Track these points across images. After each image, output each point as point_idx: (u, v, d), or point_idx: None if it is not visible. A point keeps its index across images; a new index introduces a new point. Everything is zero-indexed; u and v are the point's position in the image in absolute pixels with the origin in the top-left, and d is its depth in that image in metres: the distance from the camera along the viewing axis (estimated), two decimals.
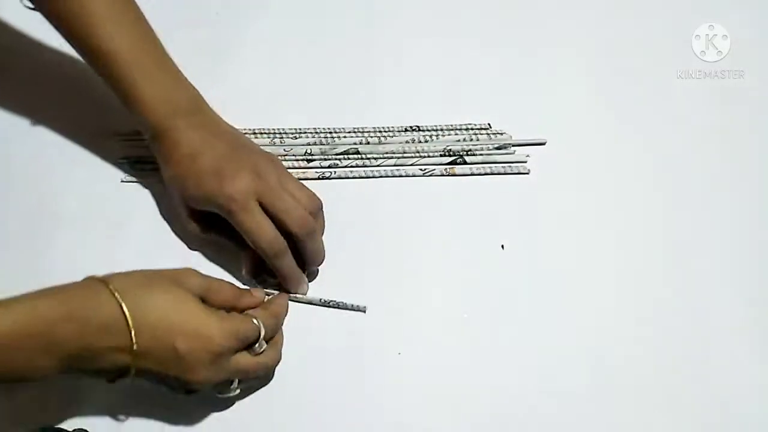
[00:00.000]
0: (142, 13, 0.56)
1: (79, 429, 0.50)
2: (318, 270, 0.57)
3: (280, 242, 0.53)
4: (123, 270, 0.48)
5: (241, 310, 0.51)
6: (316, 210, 0.55)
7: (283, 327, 0.54)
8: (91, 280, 0.46)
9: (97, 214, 0.60)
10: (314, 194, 0.56)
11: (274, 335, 0.51)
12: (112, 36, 0.54)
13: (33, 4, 0.56)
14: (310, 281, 0.57)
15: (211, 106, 0.57)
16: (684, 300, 0.56)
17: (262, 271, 0.56)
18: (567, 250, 0.58)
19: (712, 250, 0.58)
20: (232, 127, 0.58)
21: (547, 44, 0.68)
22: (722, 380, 0.54)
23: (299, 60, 0.68)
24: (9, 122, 0.65)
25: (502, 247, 0.58)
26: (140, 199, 0.61)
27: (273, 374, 0.53)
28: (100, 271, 0.47)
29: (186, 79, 0.57)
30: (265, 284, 0.56)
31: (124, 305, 0.44)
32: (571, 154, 0.63)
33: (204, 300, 0.49)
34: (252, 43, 0.69)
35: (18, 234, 0.60)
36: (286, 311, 0.53)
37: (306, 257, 0.55)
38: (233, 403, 0.52)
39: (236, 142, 0.56)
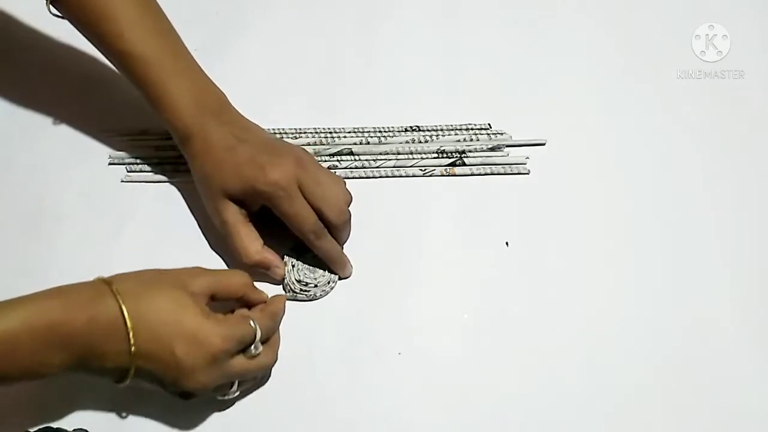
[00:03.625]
0: (165, 16, 0.58)
1: (79, 429, 0.50)
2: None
3: (321, 226, 0.55)
4: (124, 270, 0.48)
5: (250, 303, 0.52)
6: (348, 202, 0.57)
7: (282, 326, 0.54)
8: (97, 281, 0.46)
9: (97, 214, 0.60)
10: (346, 188, 0.57)
11: (270, 336, 0.51)
12: (140, 40, 0.55)
13: (60, 11, 0.57)
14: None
15: (227, 98, 0.58)
16: (685, 299, 0.56)
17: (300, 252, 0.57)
18: (567, 250, 0.58)
19: (712, 250, 0.58)
20: (252, 122, 0.59)
21: (547, 44, 0.68)
22: (722, 380, 0.54)
23: (299, 60, 0.68)
24: (9, 122, 0.65)
25: (507, 244, 0.59)
26: (140, 199, 0.61)
27: (270, 374, 0.53)
28: (100, 271, 0.47)
29: (211, 80, 0.58)
30: (292, 270, 0.57)
31: (124, 308, 0.44)
32: (571, 154, 0.63)
33: (214, 295, 0.49)
34: (252, 43, 0.69)
35: (18, 234, 0.60)
36: (283, 312, 0.54)
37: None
38: (233, 404, 0.52)
39: (268, 135, 0.58)
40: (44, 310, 0.43)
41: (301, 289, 0.56)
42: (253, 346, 0.49)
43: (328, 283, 0.57)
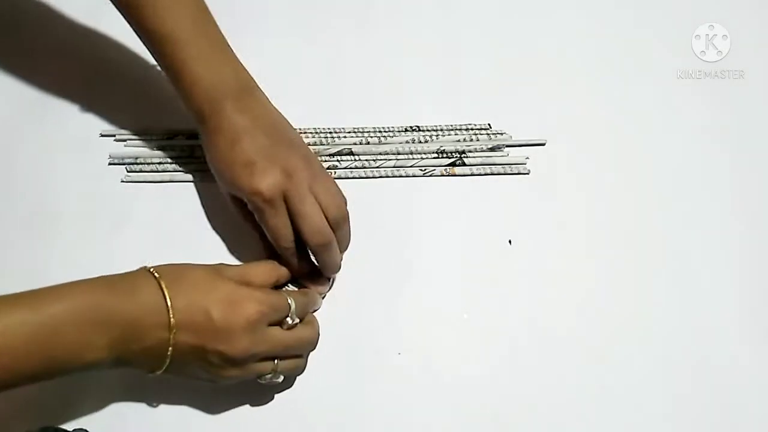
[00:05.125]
0: None
1: (79, 429, 0.50)
2: (334, 278, 0.57)
3: (293, 247, 0.54)
4: (124, 269, 0.48)
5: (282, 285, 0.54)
6: (339, 219, 0.55)
7: None
8: (136, 269, 0.48)
9: (97, 214, 0.60)
10: (343, 203, 0.55)
11: (306, 312, 0.53)
12: (171, 19, 0.54)
13: None
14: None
15: (255, 84, 0.57)
16: (685, 299, 0.56)
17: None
18: (567, 250, 0.58)
19: (712, 250, 0.58)
20: (280, 115, 0.58)
21: (547, 44, 0.68)
22: (722, 380, 0.54)
23: (299, 60, 0.68)
24: (9, 122, 0.65)
25: (510, 242, 0.59)
26: (140, 199, 0.61)
27: (305, 366, 0.53)
28: (101, 271, 0.47)
29: (239, 62, 0.57)
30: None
31: (162, 283, 0.46)
32: (571, 154, 0.63)
33: (247, 283, 0.50)
34: (252, 43, 0.68)
35: (18, 234, 0.60)
36: (317, 299, 0.56)
37: (321, 266, 0.55)
38: (271, 397, 0.53)
39: (278, 135, 0.56)
40: (89, 291, 0.45)
41: None
42: (288, 317, 0.50)
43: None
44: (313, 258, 0.55)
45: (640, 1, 0.70)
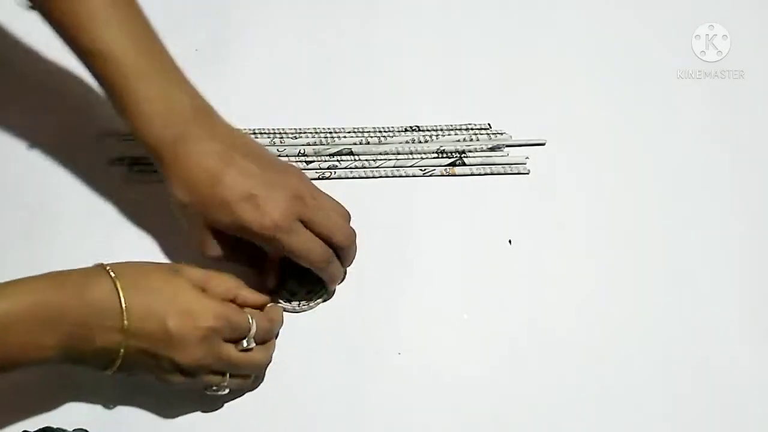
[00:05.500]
0: (144, 15, 0.53)
1: (79, 429, 0.50)
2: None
3: (330, 252, 0.53)
4: None
5: (246, 304, 0.51)
6: (348, 219, 0.55)
7: (283, 326, 0.54)
8: (92, 266, 0.47)
9: (97, 214, 0.60)
10: (342, 205, 0.55)
11: (266, 339, 0.51)
12: (108, 36, 0.49)
13: (33, 3, 0.55)
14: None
15: (213, 107, 0.53)
16: (685, 299, 0.56)
17: (283, 284, 0.56)
18: (567, 250, 0.58)
19: (712, 250, 0.59)
20: (241, 133, 0.54)
21: (547, 44, 0.68)
22: (722, 380, 0.54)
23: (299, 60, 0.68)
24: (9, 122, 0.65)
25: (510, 242, 0.59)
26: (140, 199, 0.61)
27: (262, 379, 0.53)
28: None
29: (190, 83, 0.52)
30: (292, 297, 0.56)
31: (118, 284, 0.44)
32: (571, 154, 0.63)
33: (205, 289, 0.49)
34: (252, 43, 0.68)
35: (18, 234, 0.60)
36: (281, 322, 0.54)
37: (342, 261, 0.55)
38: (221, 405, 0.52)
39: (259, 158, 0.52)
40: (36, 289, 0.44)
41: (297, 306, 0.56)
42: (245, 340, 0.49)
43: (317, 300, 0.56)
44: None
45: (640, 1, 0.70)
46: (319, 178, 0.61)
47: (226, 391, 0.50)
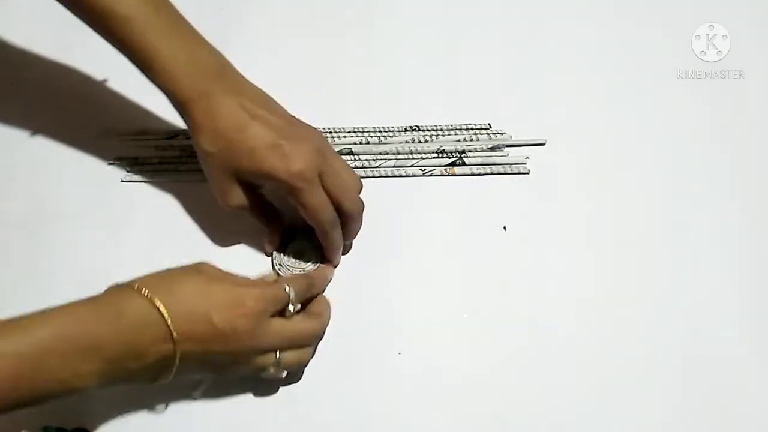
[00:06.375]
0: None
1: (79, 429, 0.50)
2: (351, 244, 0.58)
3: (336, 216, 0.54)
4: (123, 270, 0.48)
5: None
6: (359, 190, 0.56)
7: None
8: (113, 287, 0.46)
9: (97, 214, 0.60)
10: (357, 175, 0.56)
11: (305, 297, 0.52)
12: (125, 1, 0.51)
13: None
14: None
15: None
16: (685, 298, 0.56)
17: (283, 248, 0.57)
18: (567, 250, 0.58)
19: (712, 250, 0.58)
20: (264, 92, 0.56)
21: (547, 44, 0.68)
22: (722, 380, 0.54)
23: (299, 60, 0.68)
24: (9, 122, 0.65)
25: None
26: (140, 199, 0.61)
27: (311, 356, 0.52)
28: (100, 271, 0.48)
29: (208, 42, 0.54)
30: (281, 268, 0.57)
31: (154, 298, 0.44)
32: (571, 154, 0.63)
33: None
34: (252, 43, 0.68)
35: (18, 234, 0.60)
36: (325, 277, 0.55)
37: (347, 233, 0.56)
38: (277, 389, 0.53)
39: (281, 113, 0.54)
40: (71, 317, 0.43)
41: None
42: (290, 305, 0.49)
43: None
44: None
45: (640, 1, 0.70)
46: None
47: (284, 374, 0.50)
